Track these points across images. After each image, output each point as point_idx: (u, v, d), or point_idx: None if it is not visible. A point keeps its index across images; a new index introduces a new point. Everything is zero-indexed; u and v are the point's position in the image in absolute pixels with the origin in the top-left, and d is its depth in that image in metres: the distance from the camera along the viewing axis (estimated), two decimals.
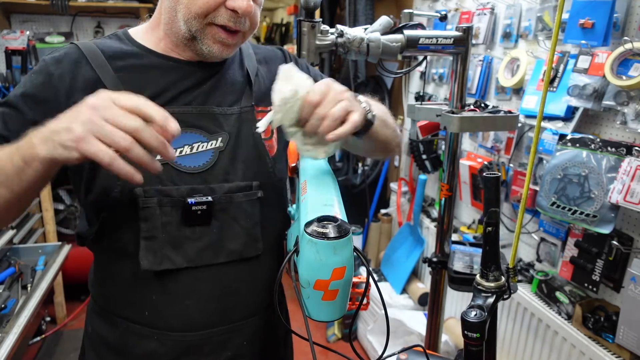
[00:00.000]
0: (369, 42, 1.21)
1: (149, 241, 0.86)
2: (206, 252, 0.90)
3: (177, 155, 0.88)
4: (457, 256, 1.45)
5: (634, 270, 1.42)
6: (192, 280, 0.91)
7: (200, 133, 0.90)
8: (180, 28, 0.87)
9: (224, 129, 0.92)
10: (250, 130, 0.94)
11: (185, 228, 0.88)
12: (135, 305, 0.92)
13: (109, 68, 0.87)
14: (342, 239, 0.69)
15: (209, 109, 0.91)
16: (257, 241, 0.95)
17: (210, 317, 0.93)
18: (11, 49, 3.04)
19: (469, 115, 1.30)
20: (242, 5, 0.84)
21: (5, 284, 1.93)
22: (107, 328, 0.96)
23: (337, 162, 3.56)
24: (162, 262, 0.87)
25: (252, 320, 0.99)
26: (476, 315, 0.72)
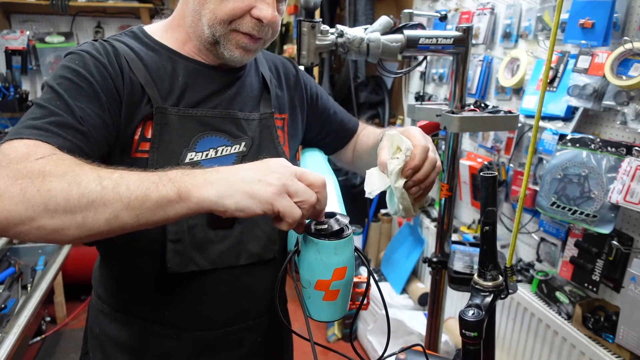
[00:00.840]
0: (369, 42, 1.21)
1: (176, 244, 0.87)
2: (228, 255, 0.91)
3: (203, 158, 0.89)
4: (457, 256, 1.45)
5: (634, 270, 1.42)
6: (213, 281, 0.92)
7: (224, 137, 0.91)
8: (203, 32, 0.87)
9: (247, 134, 0.93)
10: (270, 135, 0.97)
11: (209, 231, 0.89)
12: (155, 305, 0.92)
13: (140, 65, 0.87)
14: (343, 239, 0.70)
15: (233, 114, 0.93)
16: (274, 244, 0.97)
17: (229, 315, 0.95)
18: (11, 49, 3.05)
19: (469, 115, 1.30)
20: (267, 15, 0.85)
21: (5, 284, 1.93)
22: (118, 328, 0.95)
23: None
24: (188, 265, 0.88)
25: (265, 318, 1.01)
26: (474, 314, 0.72)
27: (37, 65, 3.18)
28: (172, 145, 0.86)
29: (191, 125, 0.88)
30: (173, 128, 0.86)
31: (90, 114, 0.77)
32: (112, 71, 0.82)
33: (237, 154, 0.92)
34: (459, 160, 1.46)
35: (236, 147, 0.92)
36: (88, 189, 0.62)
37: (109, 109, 0.81)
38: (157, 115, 0.85)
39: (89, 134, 0.76)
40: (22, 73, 3.11)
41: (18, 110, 2.92)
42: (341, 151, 1.22)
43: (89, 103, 0.78)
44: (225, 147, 0.91)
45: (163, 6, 3.32)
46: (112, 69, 0.83)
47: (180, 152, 0.87)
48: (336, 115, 1.18)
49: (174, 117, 0.87)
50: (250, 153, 0.93)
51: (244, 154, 0.93)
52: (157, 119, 0.85)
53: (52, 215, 0.61)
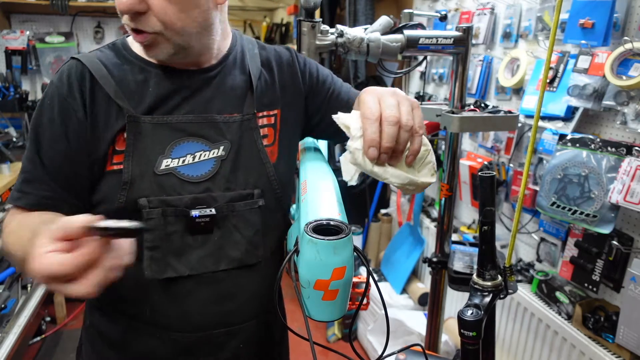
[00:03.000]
0: (369, 42, 1.21)
1: (153, 251, 0.87)
2: (208, 260, 0.91)
3: (180, 164, 0.88)
4: (457, 256, 1.45)
5: (634, 270, 1.42)
6: (193, 285, 0.91)
7: (202, 142, 0.90)
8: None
9: (226, 137, 0.91)
10: (252, 138, 0.94)
11: (188, 237, 0.89)
12: (137, 304, 0.93)
13: (110, 80, 0.86)
14: (343, 239, 0.69)
15: (211, 117, 0.91)
16: (257, 249, 0.95)
17: (210, 319, 0.94)
18: (11, 49, 3.04)
19: (469, 115, 1.30)
20: (119, 3, 0.78)
21: (5, 284, 1.93)
22: (106, 323, 0.97)
23: (337, 162, 3.56)
24: (166, 271, 0.88)
25: (250, 323, 0.99)
26: (472, 313, 0.72)
27: (37, 65, 3.19)
28: (147, 153, 0.86)
29: (166, 132, 0.87)
30: (147, 136, 0.86)
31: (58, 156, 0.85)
32: (71, 102, 0.85)
33: (216, 159, 0.90)
34: (459, 160, 1.46)
35: (215, 152, 0.90)
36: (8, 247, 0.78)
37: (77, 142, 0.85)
38: (130, 125, 0.85)
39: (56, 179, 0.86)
40: (22, 73, 3.11)
41: (18, 110, 2.92)
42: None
43: (58, 145, 0.85)
44: (203, 152, 0.90)
45: None
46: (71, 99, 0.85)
47: (156, 160, 0.86)
48: (343, 96, 1.08)
49: (147, 126, 0.86)
50: (230, 157, 0.91)
51: (223, 158, 0.91)
52: (130, 128, 0.85)
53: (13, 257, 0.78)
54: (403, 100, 0.76)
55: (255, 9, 6.01)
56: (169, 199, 0.87)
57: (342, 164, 0.80)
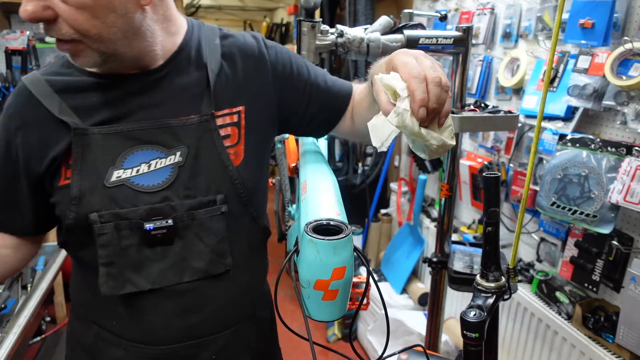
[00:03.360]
0: (369, 42, 1.21)
1: (108, 267, 0.84)
2: (169, 273, 0.87)
3: (134, 174, 0.84)
4: (457, 256, 1.45)
5: (634, 270, 1.42)
6: (155, 298, 0.88)
7: (157, 149, 0.85)
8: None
9: (183, 142, 0.86)
10: (211, 140, 0.87)
11: (145, 250, 0.85)
12: (103, 314, 0.92)
13: (54, 96, 0.83)
14: (343, 239, 0.69)
15: (165, 122, 0.85)
16: (224, 257, 0.90)
17: (175, 333, 0.91)
18: (11, 49, 3.04)
19: (469, 115, 1.30)
20: (23, 12, 0.72)
21: (5, 284, 1.93)
22: (82, 330, 0.96)
23: (337, 162, 3.56)
24: (124, 286, 0.85)
25: (224, 334, 0.95)
26: (475, 315, 0.72)
27: (37, 65, 3.18)
28: (96, 165, 0.83)
29: (117, 142, 0.83)
30: (96, 148, 0.82)
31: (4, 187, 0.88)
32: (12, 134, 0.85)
33: (173, 166, 0.85)
34: (459, 160, 1.46)
35: (171, 158, 0.85)
36: None
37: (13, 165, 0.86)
38: (77, 137, 0.82)
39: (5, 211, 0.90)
40: (22, 73, 3.10)
41: None
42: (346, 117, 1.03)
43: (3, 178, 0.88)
44: (159, 160, 0.85)
45: None
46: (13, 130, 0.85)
47: (105, 172, 0.83)
48: (325, 87, 1.00)
49: (97, 137, 0.82)
50: (188, 162, 0.86)
51: (180, 164, 0.85)
52: (76, 141, 0.82)
53: None
54: (434, 60, 0.72)
55: (255, 9, 6.02)
56: (121, 211, 0.83)
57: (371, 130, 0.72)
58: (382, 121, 0.71)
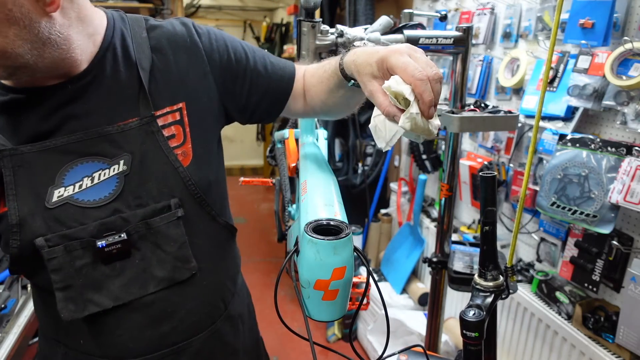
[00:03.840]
0: (369, 42, 1.21)
1: (65, 291, 0.78)
2: (132, 286, 0.83)
3: (77, 191, 0.78)
4: (457, 256, 1.45)
5: (634, 270, 1.42)
6: (122, 313, 0.84)
7: (98, 160, 0.79)
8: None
9: (125, 149, 0.80)
10: (156, 143, 0.82)
11: (102, 267, 0.80)
12: (70, 335, 0.88)
13: None
14: (343, 238, 0.70)
15: (102, 130, 0.79)
16: (188, 262, 0.87)
17: (147, 344, 0.87)
18: None
19: (469, 115, 1.30)
20: None
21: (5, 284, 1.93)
22: (49, 350, 0.93)
23: (337, 162, 3.56)
24: (86, 307, 0.80)
25: (196, 338, 0.92)
26: (474, 314, 0.72)
27: None
28: (34, 186, 0.77)
29: (53, 158, 0.77)
30: (31, 168, 0.76)
31: None
32: None
33: (118, 175, 0.80)
34: (459, 160, 1.46)
35: (115, 168, 0.80)
36: None
37: None
38: (5, 160, 0.75)
39: None
40: None
41: None
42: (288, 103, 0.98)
43: None
44: (102, 172, 0.79)
45: (163, 6, 3.31)
46: None
47: (45, 192, 0.77)
48: (266, 73, 0.94)
49: (28, 156, 0.76)
50: (134, 170, 0.81)
51: (126, 172, 0.80)
52: (5, 163, 0.75)
53: None
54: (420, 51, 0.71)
55: (255, 9, 6.02)
56: (69, 232, 0.77)
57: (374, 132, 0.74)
58: (382, 121, 0.72)
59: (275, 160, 1.47)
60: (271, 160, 1.52)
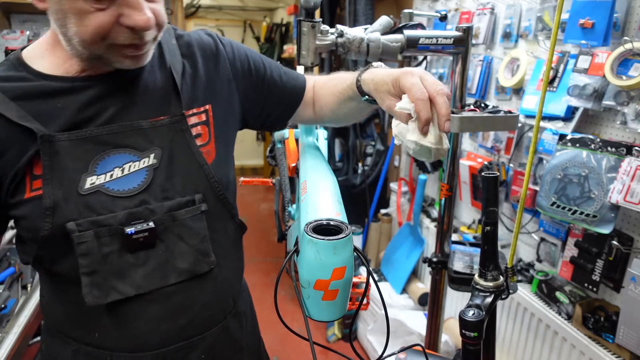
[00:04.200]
0: (369, 42, 1.21)
1: (91, 276, 0.81)
2: (154, 276, 0.85)
3: (108, 180, 0.82)
4: (457, 256, 1.45)
5: (634, 270, 1.42)
6: (141, 303, 0.86)
7: (130, 152, 0.83)
8: (82, 52, 0.78)
9: (155, 144, 0.85)
10: (184, 141, 0.87)
11: (127, 255, 0.83)
12: (85, 328, 0.88)
13: (10, 103, 0.78)
14: (343, 239, 0.70)
15: (136, 124, 0.84)
16: (207, 256, 0.90)
17: (163, 337, 0.89)
18: (11, 49, 3.04)
19: (469, 115, 1.30)
20: (139, 21, 0.74)
21: (5, 284, 1.93)
22: (58, 347, 0.93)
23: (337, 162, 3.56)
24: (109, 294, 0.83)
25: (211, 332, 0.95)
26: (474, 314, 0.72)
27: None
28: (68, 173, 0.79)
29: (87, 147, 0.81)
30: (66, 155, 0.79)
31: None
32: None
33: (148, 168, 0.84)
34: (459, 160, 1.46)
35: (145, 161, 0.84)
36: None
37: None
38: (44, 145, 0.78)
39: None
40: None
41: None
42: (299, 110, 1.08)
43: None
44: (132, 163, 0.83)
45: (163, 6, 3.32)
46: None
47: (79, 179, 0.80)
48: (281, 82, 1.04)
49: (65, 144, 0.79)
50: (163, 164, 0.85)
51: (155, 166, 0.84)
52: (44, 149, 0.78)
53: None
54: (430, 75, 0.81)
55: (255, 9, 6.02)
56: (99, 218, 0.80)
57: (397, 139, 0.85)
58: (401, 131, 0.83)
59: (275, 160, 1.47)
60: (271, 160, 1.52)
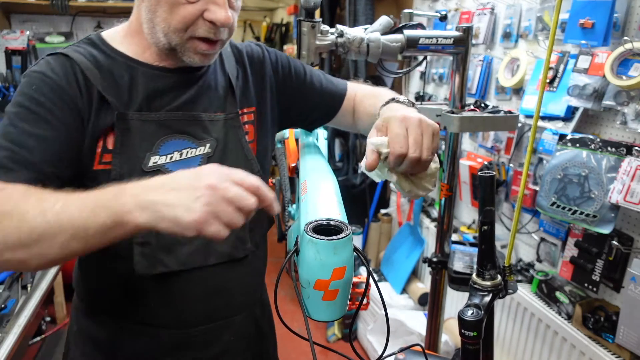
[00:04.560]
0: (369, 42, 1.21)
1: (143, 247, 0.87)
2: (197, 255, 0.91)
3: (168, 161, 0.88)
4: (457, 256, 1.45)
5: (634, 270, 1.42)
6: (183, 281, 0.92)
7: (188, 139, 0.90)
8: (160, 40, 0.86)
9: (212, 135, 0.93)
10: (236, 135, 0.96)
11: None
12: (128, 304, 0.93)
13: (98, 76, 0.85)
14: (342, 238, 0.70)
15: (197, 115, 0.92)
16: (245, 243, 0.97)
17: (200, 315, 0.96)
18: (11, 49, 3.04)
19: (469, 115, 1.30)
20: (221, 17, 0.83)
21: (5, 284, 1.93)
22: (95, 326, 0.97)
23: (337, 162, 3.56)
24: (156, 267, 0.88)
25: (239, 317, 1.02)
26: (473, 314, 0.72)
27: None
28: (135, 150, 0.86)
29: (153, 128, 0.88)
30: (135, 133, 0.86)
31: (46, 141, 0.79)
32: (68, 90, 0.82)
33: (202, 156, 0.92)
34: (459, 160, 1.46)
35: (201, 149, 0.91)
36: (34, 224, 0.67)
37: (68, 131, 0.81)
38: (119, 122, 0.85)
39: (43, 164, 0.78)
40: (22, 73, 3.10)
41: None
42: (338, 116, 1.15)
43: (44, 130, 0.79)
44: (190, 149, 0.90)
45: None
46: (68, 87, 0.82)
47: (144, 157, 0.86)
48: (320, 88, 1.12)
49: (135, 123, 0.86)
50: (216, 154, 0.93)
51: (210, 155, 0.92)
52: (118, 125, 0.85)
53: (13, 251, 0.67)
54: (426, 129, 0.81)
55: (255, 9, 6.02)
56: None
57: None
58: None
59: (275, 160, 1.47)
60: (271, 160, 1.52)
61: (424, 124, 0.81)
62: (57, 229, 0.66)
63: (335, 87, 1.14)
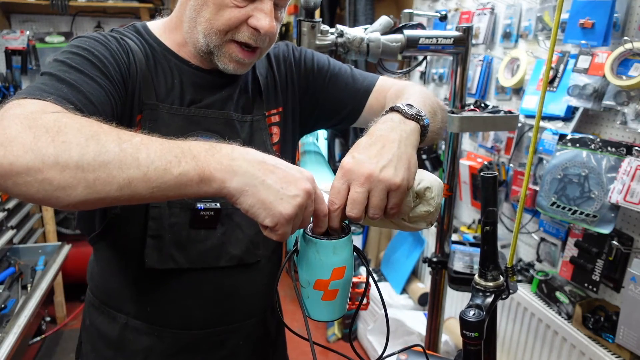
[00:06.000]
0: (369, 42, 1.21)
1: (155, 240, 0.87)
2: (209, 255, 0.91)
3: None
4: (457, 256, 1.45)
5: (634, 270, 1.42)
6: (193, 281, 0.92)
7: (215, 138, 0.89)
8: (198, 40, 0.86)
9: (239, 136, 0.92)
10: (261, 138, 0.96)
11: (191, 230, 0.89)
12: (137, 301, 0.93)
13: (143, 61, 0.87)
14: (342, 238, 0.70)
15: (227, 115, 0.92)
16: (257, 248, 0.96)
17: (209, 317, 0.95)
18: (11, 49, 3.04)
19: (469, 115, 1.30)
20: (265, 25, 0.82)
21: (5, 284, 1.93)
22: (105, 322, 0.97)
23: (337, 162, 3.56)
24: (166, 261, 0.88)
25: (249, 322, 1.01)
26: (474, 314, 0.72)
27: (37, 65, 3.18)
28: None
29: (181, 123, 0.88)
30: (162, 125, 0.86)
31: (99, 88, 0.75)
32: (122, 56, 0.83)
33: None
34: (459, 160, 1.46)
35: None
36: (105, 148, 0.57)
37: (115, 89, 0.79)
38: (147, 112, 0.85)
39: (98, 106, 0.73)
40: (22, 73, 3.10)
41: None
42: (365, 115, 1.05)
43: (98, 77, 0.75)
44: None
45: (163, 6, 3.32)
46: (122, 55, 0.83)
47: None
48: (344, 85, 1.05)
49: (164, 115, 0.86)
50: None
51: None
52: (146, 115, 0.85)
53: (62, 169, 0.56)
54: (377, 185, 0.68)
55: None
56: None
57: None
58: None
59: None
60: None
61: (374, 180, 0.67)
62: (131, 161, 0.58)
63: (361, 82, 1.06)
